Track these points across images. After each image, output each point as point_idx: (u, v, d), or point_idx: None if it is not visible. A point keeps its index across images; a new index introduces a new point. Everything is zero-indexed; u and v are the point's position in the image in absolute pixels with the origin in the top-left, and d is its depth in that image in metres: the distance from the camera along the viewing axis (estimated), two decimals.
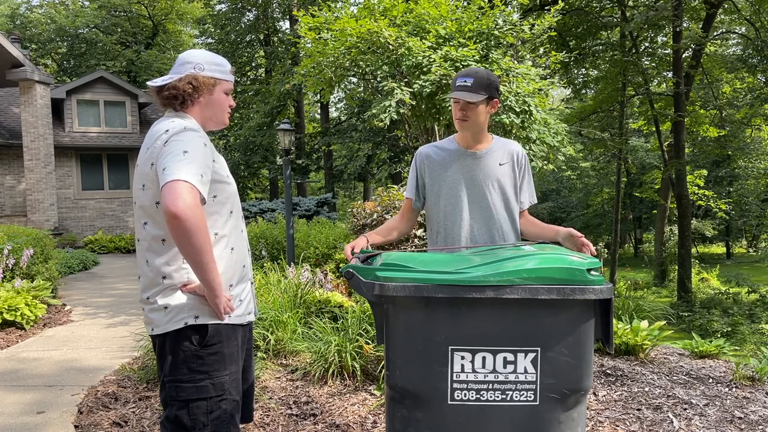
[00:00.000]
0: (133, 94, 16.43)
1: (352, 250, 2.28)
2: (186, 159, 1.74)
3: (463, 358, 1.83)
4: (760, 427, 3.11)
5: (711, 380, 3.85)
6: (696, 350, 4.54)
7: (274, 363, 4.16)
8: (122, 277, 9.92)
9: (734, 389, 3.68)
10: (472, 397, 1.84)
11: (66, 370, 4.36)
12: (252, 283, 2.10)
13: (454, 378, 1.83)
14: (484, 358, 1.82)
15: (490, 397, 1.84)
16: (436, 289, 1.80)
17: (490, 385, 1.83)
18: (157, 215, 1.83)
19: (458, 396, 1.84)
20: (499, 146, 2.46)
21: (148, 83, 2.00)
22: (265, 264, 6.39)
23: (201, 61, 1.95)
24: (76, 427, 3.25)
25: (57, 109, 15.52)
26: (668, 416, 3.24)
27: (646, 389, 3.66)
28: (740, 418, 3.22)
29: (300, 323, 4.51)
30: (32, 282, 6.51)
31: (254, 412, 3.35)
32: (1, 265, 6.31)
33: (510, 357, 1.83)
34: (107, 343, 5.19)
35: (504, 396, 1.83)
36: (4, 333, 5.47)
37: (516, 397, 1.84)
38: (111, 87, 16.20)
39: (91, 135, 15.90)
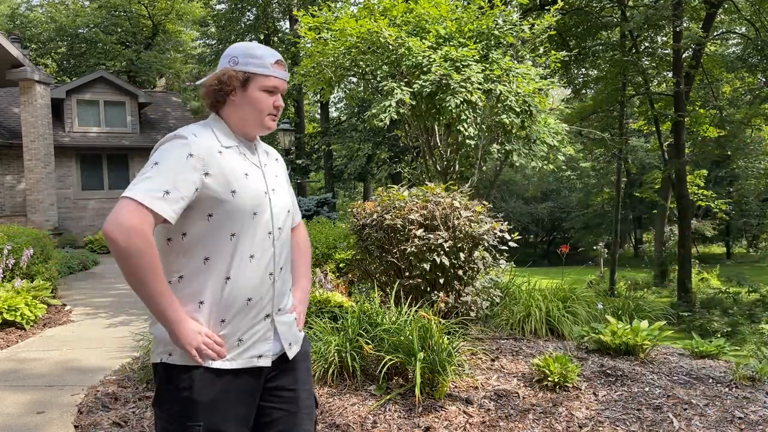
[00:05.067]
0: (133, 94, 16.42)
1: None
2: (150, 173, 1.55)
3: None
4: (760, 427, 3.11)
5: (711, 380, 3.84)
6: (696, 350, 4.54)
7: None
8: (122, 277, 9.87)
9: (734, 389, 3.68)
10: None
11: (66, 370, 4.36)
12: (272, 321, 1.75)
13: None
14: None
15: None
16: None
17: None
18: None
19: None
20: None
21: (196, 83, 1.85)
22: None
23: (237, 53, 1.70)
24: (76, 427, 3.25)
25: (57, 109, 15.51)
26: (668, 416, 3.24)
27: (646, 389, 3.66)
28: (740, 418, 3.22)
29: None
30: (32, 282, 6.50)
31: None
32: (1, 265, 6.30)
33: None
34: (107, 343, 5.19)
35: None
36: (4, 333, 5.47)
37: None
38: (111, 87, 16.19)
39: (91, 135, 15.89)
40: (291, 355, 1.78)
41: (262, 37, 23.27)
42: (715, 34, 19.06)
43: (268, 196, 1.73)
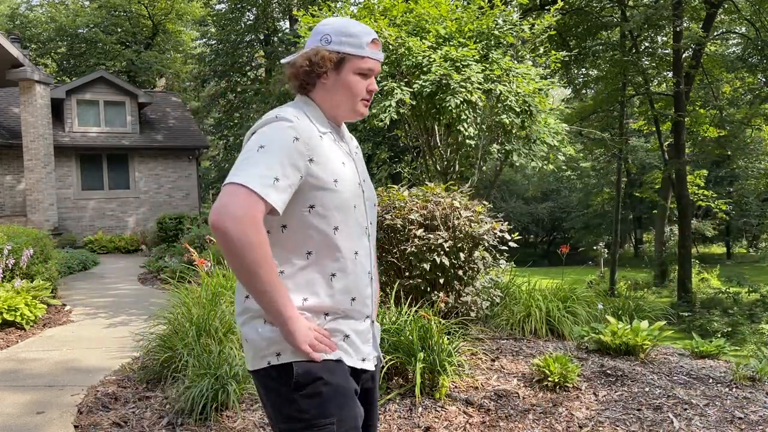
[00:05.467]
0: (132, 94, 16.42)
1: None
2: (256, 157, 1.40)
3: None
4: (760, 427, 3.11)
5: (711, 380, 3.84)
6: (696, 350, 4.54)
7: None
8: (122, 277, 9.91)
9: (734, 389, 3.68)
10: None
11: (66, 370, 4.36)
12: (372, 322, 1.64)
13: None
14: None
15: None
16: None
17: None
18: None
19: None
20: None
21: (282, 61, 1.66)
22: None
23: (330, 31, 1.54)
24: (76, 427, 3.25)
25: (57, 109, 15.51)
26: (668, 416, 3.24)
27: (647, 389, 3.65)
28: (740, 418, 3.22)
29: None
30: (32, 282, 6.50)
31: (254, 413, 3.34)
32: (1, 265, 6.30)
33: None
34: (107, 344, 5.19)
35: None
36: (3, 333, 5.47)
37: None
38: (111, 87, 16.19)
39: (91, 135, 15.90)
40: (381, 363, 1.71)
41: (262, 37, 23.29)
42: (715, 34, 19.05)
43: (361, 188, 1.60)
